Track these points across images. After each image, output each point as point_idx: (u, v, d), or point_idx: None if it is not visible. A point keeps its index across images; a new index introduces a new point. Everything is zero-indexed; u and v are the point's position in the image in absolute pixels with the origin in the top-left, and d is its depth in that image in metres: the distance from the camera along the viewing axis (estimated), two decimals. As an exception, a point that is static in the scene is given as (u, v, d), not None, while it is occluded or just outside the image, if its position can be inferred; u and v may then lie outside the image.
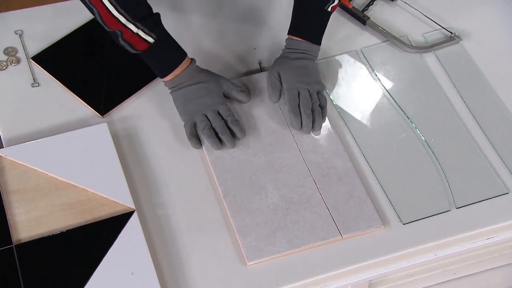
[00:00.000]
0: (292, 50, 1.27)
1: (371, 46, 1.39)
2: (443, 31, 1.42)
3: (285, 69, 1.26)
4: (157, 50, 1.18)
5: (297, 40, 1.27)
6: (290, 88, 1.25)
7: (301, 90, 1.24)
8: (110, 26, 1.14)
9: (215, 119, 1.20)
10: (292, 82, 1.25)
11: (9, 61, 1.30)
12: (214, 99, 1.22)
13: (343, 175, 1.20)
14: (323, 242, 1.13)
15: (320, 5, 1.26)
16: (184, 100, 1.22)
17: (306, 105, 1.23)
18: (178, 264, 1.10)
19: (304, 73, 1.26)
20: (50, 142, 1.18)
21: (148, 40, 1.16)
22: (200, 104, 1.21)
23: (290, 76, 1.25)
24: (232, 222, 1.14)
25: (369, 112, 1.30)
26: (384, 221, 1.16)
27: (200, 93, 1.22)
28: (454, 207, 1.19)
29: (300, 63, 1.26)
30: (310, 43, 1.27)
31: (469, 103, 1.32)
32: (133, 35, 1.15)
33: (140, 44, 1.16)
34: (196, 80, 1.22)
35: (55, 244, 1.08)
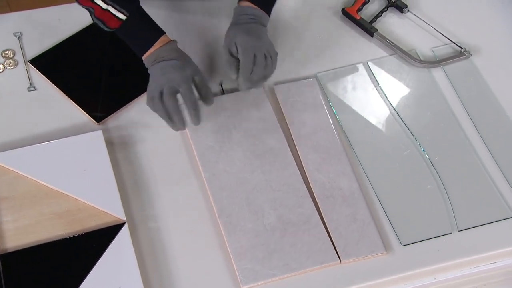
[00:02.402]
0: (242, 16, 1.24)
1: (378, 59, 1.36)
2: (452, 45, 1.38)
3: (239, 33, 1.22)
4: (130, 27, 1.16)
5: (247, 6, 1.24)
6: (245, 49, 1.20)
7: (257, 53, 1.20)
8: (82, 2, 1.13)
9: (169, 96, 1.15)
10: (247, 43, 1.21)
11: (6, 64, 1.28)
12: (174, 77, 1.16)
13: (348, 197, 1.16)
14: (321, 266, 1.09)
15: None
16: (153, 75, 1.18)
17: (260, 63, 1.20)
18: (168, 282, 1.07)
19: (259, 35, 1.23)
20: (42, 149, 1.16)
21: (119, 16, 1.14)
22: (162, 79, 1.16)
23: (245, 38, 1.21)
24: (226, 243, 1.10)
25: (373, 127, 1.26)
26: (386, 245, 1.12)
27: (165, 69, 1.17)
28: (456, 230, 1.15)
29: (253, 26, 1.23)
30: (260, 10, 1.24)
31: (476, 121, 1.28)
32: (104, 12, 1.13)
33: (111, 21, 1.15)
34: (167, 56, 1.18)
35: (41, 255, 1.06)
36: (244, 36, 1.21)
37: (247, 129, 1.23)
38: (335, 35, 1.39)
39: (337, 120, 1.26)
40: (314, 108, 1.26)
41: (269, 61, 1.21)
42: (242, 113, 1.24)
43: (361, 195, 1.16)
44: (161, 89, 1.16)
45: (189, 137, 1.21)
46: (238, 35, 1.22)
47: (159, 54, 1.18)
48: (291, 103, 1.26)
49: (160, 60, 1.18)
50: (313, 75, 1.32)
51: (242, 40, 1.21)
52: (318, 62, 1.34)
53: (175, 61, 1.18)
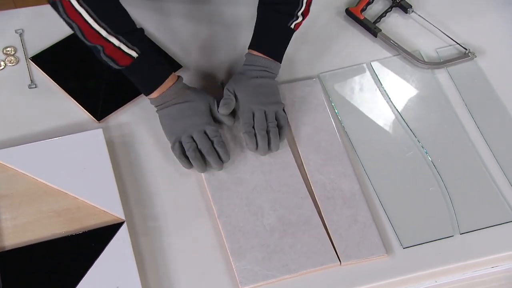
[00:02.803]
0: (251, 67, 1.22)
1: (381, 59, 1.34)
2: (457, 46, 1.37)
3: (241, 88, 1.21)
4: (140, 66, 1.14)
5: (257, 55, 1.22)
6: (245, 109, 1.20)
7: (256, 111, 1.19)
8: (92, 40, 1.09)
9: (201, 140, 1.16)
10: (247, 103, 1.20)
11: (7, 61, 1.28)
12: (201, 118, 1.18)
13: (348, 198, 1.15)
14: (321, 268, 1.08)
15: (283, 21, 1.21)
16: (170, 119, 1.17)
17: (261, 126, 1.18)
18: (166, 282, 1.06)
19: (261, 92, 1.21)
20: (42, 146, 1.15)
21: (131, 54, 1.12)
22: (186, 124, 1.17)
23: (245, 96, 1.20)
24: (226, 244, 1.09)
25: (375, 128, 1.25)
26: (387, 247, 1.11)
27: (186, 112, 1.17)
28: (458, 233, 1.14)
29: (257, 82, 1.21)
30: (271, 60, 1.22)
31: (480, 124, 1.27)
32: (115, 49, 1.10)
33: (123, 59, 1.12)
34: (183, 98, 1.18)
35: (39, 253, 1.05)
36: (252, 93, 1.20)
37: None
38: (339, 35, 1.38)
39: (339, 121, 1.25)
40: (316, 108, 1.25)
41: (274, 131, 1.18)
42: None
43: (362, 196, 1.15)
44: (177, 139, 1.16)
45: None
46: (243, 89, 1.20)
47: (167, 97, 1.17)
48: (293, 103, 1.25)
49: (169, 105, 1.17)
50: (316, 75, 1.31)
51: (247, 98, 1.20)
52: (321, 62, 1.33)
53: (189, 103, 1.17)
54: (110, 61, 1.12)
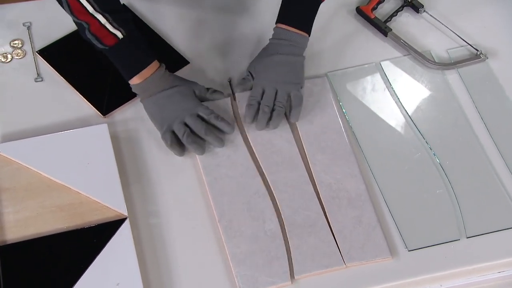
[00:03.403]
0: (278, 41, 1.21)
1: (391, 59, 1.33)
2: (468, 47, 1.35)
3: (260, 64, 1.21)
4: (125, 48, 1.13)
5: (285, 29, 1.20)
6: (257, 84, 1.20)
7: (267, 88, 1.18)
8: (78, 15, 1.09)
9: (196, 123, 1.14)
10: (261, 79, 1.20)
11: (14, 54, 1.27)
12: (190, 102, 1.17)
13: (354, 198, 1.14)
14: (325, 271, 1.07)
15: None
16: (158, 107, 1.16)
17: (266, 103, 1.18)
18: (167, 279, 1.06)
19: (279, 70, 1.20)
20: (46, 140, 1.15)
21: (116, 34, 1.11)
22: (176, 110, 1.15)
23: (262, 72, 1.20)
24: (226, 248, 1.08)
25: (383, 129, 1.24)
26: (391, 249, 1.10)
27: (175, 98, 1.16)
28: (465, 236, 1.12)
29: (278, 59, 1.20)
30: (299, 33, 1.20)
31: (490, 126, 1.25)
32: (101, 28, 1.10)
33: (107, 38, 1.11)
34: (168, 84, 1.16)
35: (41, 248, 1.05)
36: (269, 70, 1.19)
37: (253, 130, 1.20)
38: (348, 33, 1.37)
39: (347, 120, 1.24)
40: (323, 107, 1.23)
41: (279, 111, 1.18)
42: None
43: (367, 197, 1.14)
44: (169, 127, 1.15)
45: None
46: (262, 65, 1.20)
47: (151, 84, 1.15)
48: (301, 102, 1.24)
49: (155, 92, 1.16)
50: (324, 73, 1.29)
51: (263, 75, 1.19)
52: (330, 60, 1.32)
53: (175, 88, 1.16)
54: (94, 39, 1.11)
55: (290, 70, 1.20)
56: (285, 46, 1.20)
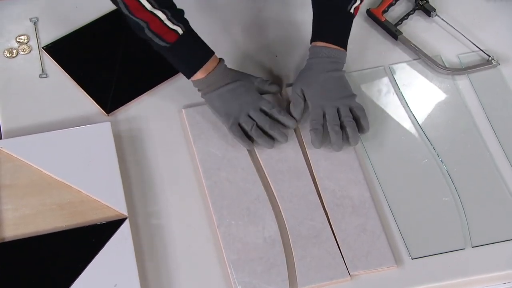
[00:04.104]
0: (318, 60, 1.19)
1: (400, 63, 1.31)
2: (480, 53, 1.33)
3: (309, 86, 1.18)
4: (186, 43, 1.12)
5: (322, 46, 1.19)
6: (314, 106, 1.17)
7: (327, 109, 1.16)
8: (135, 13, 1.07)
9: (260, 117, 1.14)
10: (317, 101, 1.17)
11: (20, 49, 1.26)
12: (253, 96, 1.16)
13: (358, 206, 1.12)
14: (330, 283, 1.05)
15: (341, 6, 1.18)
16: (223, 101, 1.15)
17: (334, 122, 1.15)
18: (165, 282, 1.05)
19: (330, 88, 1.18)
20: (49, 138, 1.14)
21: (177, 30, 1.10)
22: (241, 103, 1.15)
23: (314, 93, 1.17)
24: (224, 254, 1.07)
25: (390, 134, 1.22)
26: (396, 258, 1.08)
27: (237, 91, 1.15)
28: (470, 246, 1.10)
29: (325, 77, 1.18)
30: (336, 49, 1.19)
31: (499, 134, 1.22)
32: (161, 25, 1.08)
33: (168, 35, 1.10)
34: (230, 79, 1.16)
35: (39, 246, 1.04)
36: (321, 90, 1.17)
37: None
38: (358, 36, 1.34)
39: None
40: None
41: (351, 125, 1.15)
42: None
43: (372, 204, 1.12)
44: (235, 120, 1.15)
45: (192, 143, 1.17)
46: (311, 87, 1.18)
47: (214, 78, 1.15)
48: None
49: (218, 86, 1.15)
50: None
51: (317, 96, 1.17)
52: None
53: (238, 82, 1.16)
54: (155, 37, 1.09)
55: (341, 85, 1.19)
56: (328, 64, 1.18)
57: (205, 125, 1.19)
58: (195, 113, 1.20)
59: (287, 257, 1.07)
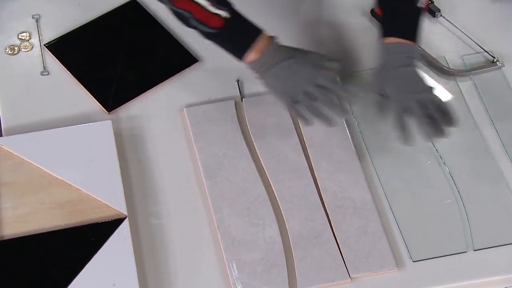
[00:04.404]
0: (393, 56, 1.16)
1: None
2: (485, 54, 1.32)
3: (388, 82, 1.15)
4: (232, 25, 1.09)
5: (396, 42, 1.16)
6: (396, 102, 1.14)
7: (410, 102, 1.12)
8: (176, 3, 1.06)
9: (319, 92, 1.11)
10: (398, 96, 1.14)
11: (22, 46, 1.26)
12: (309, 72, 1.13)
13: (359, 208, 1.11)
14: (329, 284, 1.04)
15: (410, 1, 1.16)
16: (278, 79, 1.12)
17: (419, 113, 1.11)
18: (165, 282, 1.04)
19: (409, 83, 1.15)
20: (49, 135, 1.13)
21: (222, 14, 1.08)
22: (296, 81, 1.12)
23: (394, 90, 1.14)
24: (223, 255, 1.06)
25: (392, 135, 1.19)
26: (397, 260, 1.07)
27: (292, 68, 1.12)
28: (472, 249, 1.09)
29: (402, 72, 1.15)
30: (409, 44, 1.16)
31: (503, 137, 1.21)
32: (204, 11, 1.07)
33: (213, 20, 1.08)
34: (284, 55, 1.13)
35: (38, 245, 1.03)
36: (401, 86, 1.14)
37: (259, 135, 1.18)
38: (362, 36, 1.34)
39: (356, 126, 1.21)
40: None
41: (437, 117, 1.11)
42: (255, 118, 1.19)
43: (373, 206, 1.11)
44: (294, 98, 1.12)
45: (192, 142, 1.17)
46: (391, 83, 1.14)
47: (268, 57, 1.12)
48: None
49: (272, 65, 1.12)
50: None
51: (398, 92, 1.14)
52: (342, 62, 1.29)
53: (291, 59, 1.13)
54: (200, 25, 1.08)
55: (418, 79, 1.16)
56: (403, 59, 1.16)
57: (206, 125, 1.18)
58: (197, 112, 1.20)
59: (287, 258, 1.06)
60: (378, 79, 1.16)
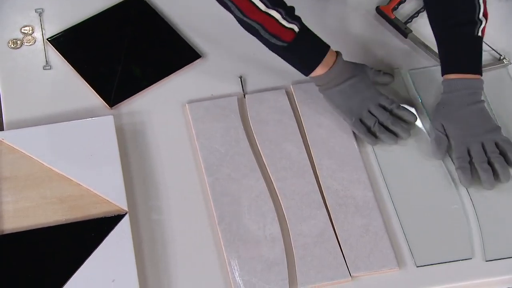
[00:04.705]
0: (456, 93, 1.14)
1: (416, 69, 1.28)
2: (491, 52, 1.30)
3: (450, 121, 1.14)
4: (303, 40, 1.10)
5: (458, 78, 1.14)
6: (458, 143, 1.13)
7: (472, 145, 1.12)
8: (250, 15, 1.06)
9: (381, 113, 1.14)
10: (460, 137, 1.13)
11: (24, 40, 1.26)
12: (373, 91, 1.15)
13: (361, 206, 1.10)
14: (330, 283, 1.03)
15: (468, 32, 1.15)
16: (344, 97, 1.14)
17: (480, 159, 1.11)
18: (164, 278, 1.03)
19: (473, 122, 1.14)
20: (50, 130, 1.13)
21: (293, 29, 1.08)
22: (362, 99, 1.14)
23: (456, 130, 1.14)
24: (224, 252, 1.05)
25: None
26: (399, 260, 1.06)
27: (358, 87, 1.14)
28: (480, 257, 1.08)
29: (466, 111, 1.14)
30: (472, 78, 1.14)
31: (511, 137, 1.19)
32: (277, 25, 1.07)
33: (286, 34, 1.08)
34: (349, 74, 1.14)
35: (38, 239, 1.03)
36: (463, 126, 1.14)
37: (262, 132, 1.17)
38: (367, 34, 1.33)
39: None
40: (332, 110, 1.19)
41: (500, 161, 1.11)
42: (258, 115, 1.19)
43: (375, 205, 1.10)
44: (358, 115, 1.14)
45: (195, 139, 1.16)
46: (453, 123, 1.14)
47: (335, 73, 1.13)
48: (309, 105, 1.20)
49: (339, 82, 1.14)
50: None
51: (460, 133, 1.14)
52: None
53: (356, 78, 1.15)
54: (272, 37, 1.08)
55: (483, 118, 1.15)
56: (466, 96, 1.14)
57: (208, 121, 1.17)
58: (199, 108, 1.19)
59: (288, 256, 1.05)
60: (440, 117, 1.16)
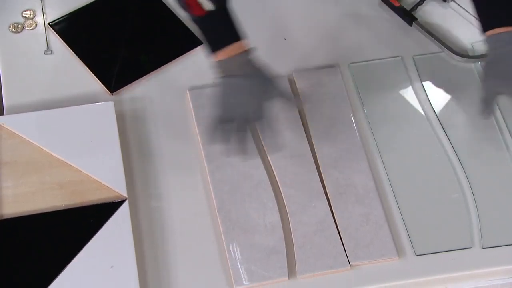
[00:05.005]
0: (507, 49, 1.10)
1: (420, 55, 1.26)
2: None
3: (505, 79, 1.10)
4: (212, 21, 1.08)
5: (505, 31, 1.09)
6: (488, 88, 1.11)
7: None
8: None
9: (240, 126, 1.06)
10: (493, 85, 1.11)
11: (25, 24, 1.25)
12: (250, 103, 1.08)
13: (362, 195, 1.09)
14: (329, 271, 1.03)
15: None
16: (225, 91, 1.08)
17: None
18: (163, 265, 1.03)
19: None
20: (51, 115, 1.13)
21: (205, 6, 1.06)
22: (245, 102, 1.07)
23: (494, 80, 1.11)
24: (223, 240, 1.05)
25: (401, 124, 1.18)
26: (398, 249, 1.06)
27: (251, 89, 1.07)
28: (478, 245, 1.07)
29: None
30: None
31: (511, 128, 1.19)
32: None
33: (196, 8, 1.06)
34: (249, 71, 1.08)
35: (37, 225, 1.03)
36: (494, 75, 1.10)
37: None
38: (372, 22, 1.32)
39: (364, 114, 1.19)
40: (335, 99, 1.18)
41: None
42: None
43: (376, 194, 1.10)
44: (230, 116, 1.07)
45: (195, 126, 1.16)
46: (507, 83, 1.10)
47: (231, 64, 1.07)
48: (311, 93, 1.19)
49: (232, 75, 1.08)
50: (336, 63, 1.24)
51: None
52: (351, 49, 1.27)
53: (248, 79, 1.08)
54: (186, 8, 1.06)
55: None
56: None
57: (209, 108, 1.16)
58: (200, 95, 1.18)
59: (287, 244, 1.05)
60: (493, 76, 1.11)
